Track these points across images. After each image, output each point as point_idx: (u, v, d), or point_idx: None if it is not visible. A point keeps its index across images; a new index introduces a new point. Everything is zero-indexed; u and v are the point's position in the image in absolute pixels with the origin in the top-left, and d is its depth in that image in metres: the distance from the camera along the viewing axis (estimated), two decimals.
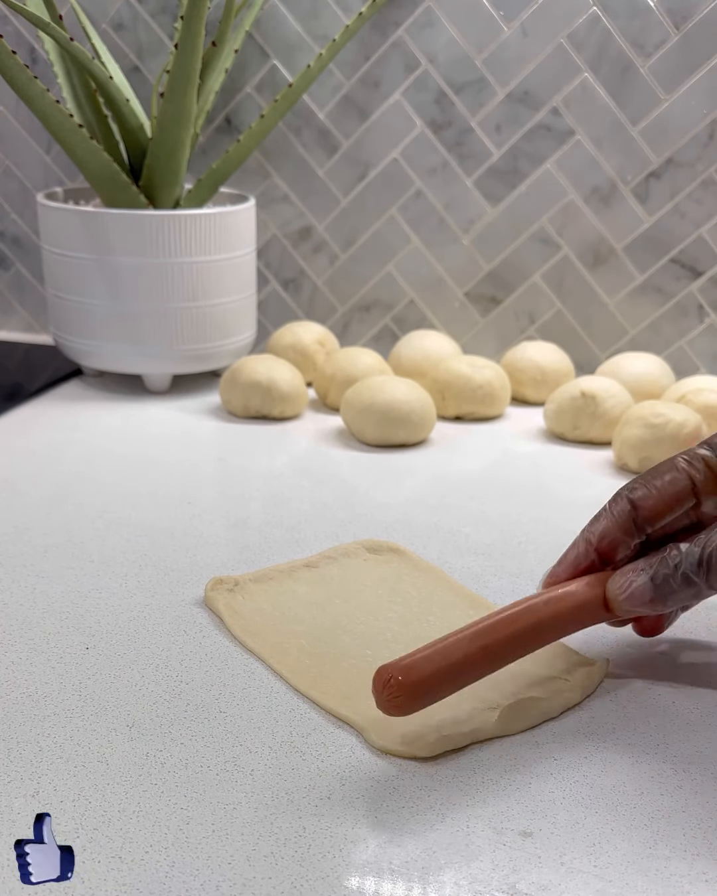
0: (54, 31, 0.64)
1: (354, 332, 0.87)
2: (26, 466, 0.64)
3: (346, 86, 0.80)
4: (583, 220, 0.79)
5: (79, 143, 0.69)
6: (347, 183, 0.82)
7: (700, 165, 0.75)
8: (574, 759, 0.37)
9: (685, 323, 0.79)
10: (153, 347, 0.74)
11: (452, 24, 0.76)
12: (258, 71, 0.81)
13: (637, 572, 0.39)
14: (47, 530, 0.55)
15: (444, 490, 0.63)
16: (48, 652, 0.43)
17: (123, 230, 0.71)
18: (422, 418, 0.68)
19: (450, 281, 0.83)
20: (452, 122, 0.79)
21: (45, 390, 0.78)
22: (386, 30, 0.77)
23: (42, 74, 0.77)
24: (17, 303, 0.94)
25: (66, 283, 0.74)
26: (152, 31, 0.81)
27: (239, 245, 0.76)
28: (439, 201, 0.81)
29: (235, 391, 0.72)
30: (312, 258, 0.86)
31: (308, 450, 0.68)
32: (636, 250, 0.79)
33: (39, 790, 0.35)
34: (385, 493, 0.62)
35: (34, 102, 0.67)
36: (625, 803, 0.35)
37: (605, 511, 0.41)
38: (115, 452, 0.67)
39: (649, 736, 0.39)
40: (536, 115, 0.77)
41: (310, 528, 0.56)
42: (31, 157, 0.88)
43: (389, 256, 0.84)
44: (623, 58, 0.74)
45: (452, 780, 0.36)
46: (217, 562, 0.52)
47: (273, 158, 0.83)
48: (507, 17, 0.75)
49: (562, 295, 0.81)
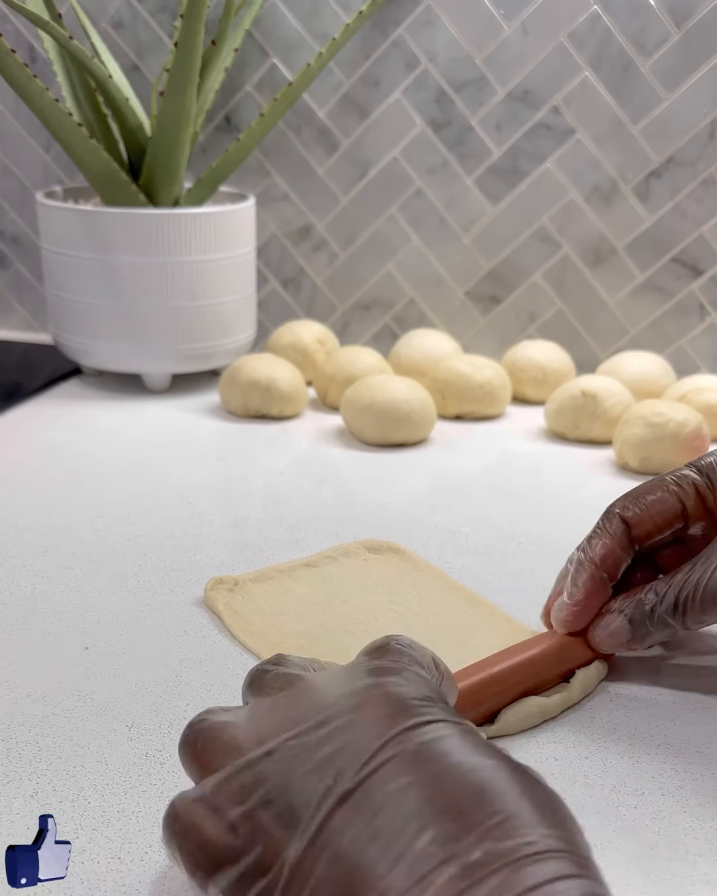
0: (54, 30, 0.64)
1: (354, 332, 0.87)
2: (25, 466, 0.64)
3: (346, 84, 0.79)
4: (584, 219, 0.79)
5: (78, 141, 0.69)
6: (347, 182, 0.82)
7: (701, 164, 0.75)
8: (574, 759, 0.37)
9: (685, 322, 0.79)
10: (153, 347, 0.74)
11: (452, 22, 0.76)
12: (258, 70, 0.81)
13: (616, 613, 0.40)
14: (47, 530, 0.55)
15: (444, 490, 0.63)
16: (47, 652, 0.43)
17: (122, 229, 0.71)
18: (422, 418, 0.68)
19: (450, 280, 0.83)
20: (452, 121, 0.78)
21: (44, 389, 0.78)
22: (386, 28, 0.77)
23: (41, 73, 0.77)
24: (17, 302, 0.94)
25: (66, 282, 0.74)
26: (152, 29, 0.81)
27: (239, 244, 0.75)
28: (439, 200, 0.81)
29: (234, 390, 0.72)
30: (312, 257, 0.85)
31: (308, 449, 0.68)
32: (637, 249, 0.78)
33: (38, 790, 0.35)
34: (385, 493, 0.62)
35: (33, 101, 0.67)
36: (626, 804, 0.35)
37: (601, 530, 0.42)
38: (114, 452, 0.67)
39: (649, 736, 0.39)
40: (536, 114, 0.77)
41: (310, 528, 0.56)
42: (30, 155, 0.88)
43: (389, 255, 0.84)
44: (624, 56, 0.73)
45: None
46: (217, 562, 0.52)
47: (273, 157, 0.83)
48: (507, 15, 0.75)
49: (563, 294, 0.81)
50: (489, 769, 0.25)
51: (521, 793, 0.24)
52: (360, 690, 0.28)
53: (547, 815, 0.24)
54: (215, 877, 0.26)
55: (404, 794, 0.24)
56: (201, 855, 0.26)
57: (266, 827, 0.25)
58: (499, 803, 0.24)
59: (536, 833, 0.23)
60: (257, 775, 0.27)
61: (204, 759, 0.29)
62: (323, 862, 0.24)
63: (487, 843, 0.23)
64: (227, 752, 0.28)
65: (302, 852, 0.24)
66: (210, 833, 0.26)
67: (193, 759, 0.30)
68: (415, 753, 0.25)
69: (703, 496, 0.41)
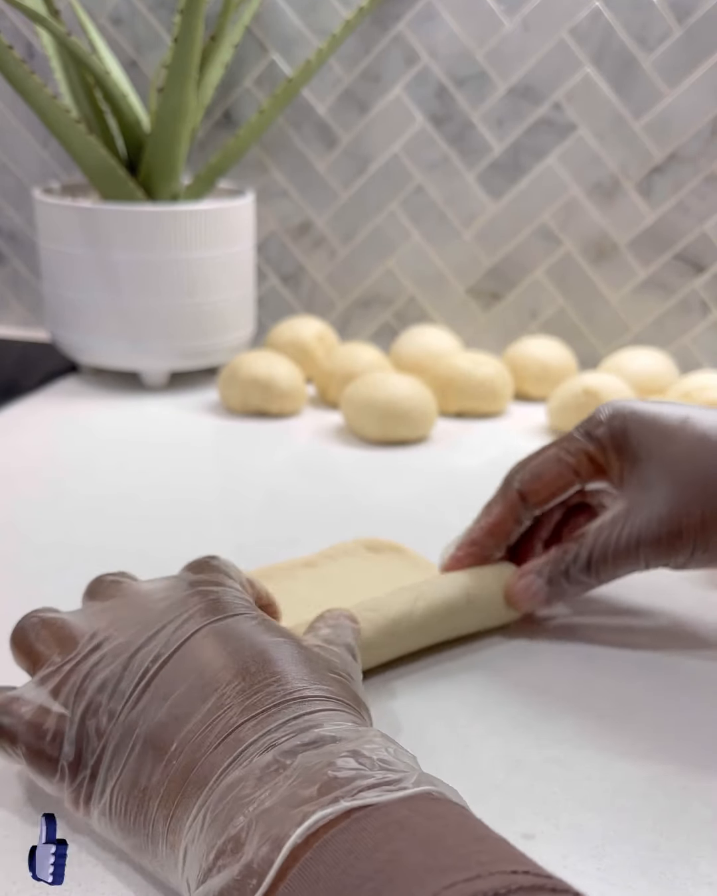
0: (52, 26, 0.63)
1: (354, 328, 0.86)
2: (22, 464, 0.63)
3: (346, 80, 0.79)
4: (585, 215, 0.78)
5: (76, 137, 0.69)
6: (347, 177, 0.82)
7: (703, 160, 0.74)
8: (576, 761, 0.37)
9: (688, 319, 0.79)
10: (151, 343, 0.74)
11: (453, 17, 0.75)
12: (257, 65, 0.80)
13: (533, 575, 0.43)
14: (44, 528, 0.54)
15: (445, 487, 0.62)
16: None
17: (120, 225, 0.70)
18: (423, 415, 0.68)
19: (451, 276, 0.83)
20: (453, 117, 0.78)
21: (41, 387, 0.77)
22: (386, 24, 0.77)
23: (40, 69, 0.77)
24: (13, 299, 0.94)
25: (63, 278, 0.74)
26: (150, 25, 0.81)
27: (238, 240, 0.75)
28: (439, 196, 0.81)
29: (233, 387, 0.72)
30: (312, 253, 0.85)
31: (308, 447, 0.68)
32: (639, 246, 0.78)
33: (38, 790, 0.34)
34: (386, 491, 0.61)
35: (31, 97, 0.66)
36: (628, 806, 0.35)
37: (496, 500, 0.45)
38: (112, 450, 0.66)
39: (651, 737, 0.38)
40: (537, 110, 0.76)
41: (309, 527, 0.56)
42: (27, 151, 0.88)
43: (389, 252, 0.83)
44: (626, 52, 0.73)
45: (453, 782, 0.35)
46: None
47: (272, 153, 0.83)
48: (508, 10, 0.74)
49: (564, 291, 0.81)
50: (275, 644, 0.31)
51: (298, 660, 0.31)
52: (183, 599, 0.33)
53: (318, 676, 0.30)
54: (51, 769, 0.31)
55: (206, 663, 0.30)
56: (37, 757, 0.31)
57: (101, 708, 0.30)
58: (277, 666, 0.30)
59: (305, 685, 0.29)
60: (89, 670, 0.31)
61: (35, 648, 0.33)
62: (144, 722, 0.29)
63: (264, 692, 0.29)
64: (60, 643, 0.33)
65: (128, 717, 0.30)
66: (45, 737, 0.30)
67: (24, 648, 0.34)
68: (218, 633, 0.31)
69: (592, 457, 0.43)
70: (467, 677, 0.42)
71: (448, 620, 0.43)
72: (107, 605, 0.35)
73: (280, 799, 0.25)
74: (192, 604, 0.33)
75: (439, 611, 0.42)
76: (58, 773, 0.30)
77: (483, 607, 0.44)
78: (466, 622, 0.44)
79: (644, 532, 0.40)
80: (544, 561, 0.43)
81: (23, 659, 0.34)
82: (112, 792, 0.29)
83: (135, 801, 0.29)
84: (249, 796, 0.25)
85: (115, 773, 0.29)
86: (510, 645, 0.45)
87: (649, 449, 0.41)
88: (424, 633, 0.42)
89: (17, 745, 0.31)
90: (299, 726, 0.27)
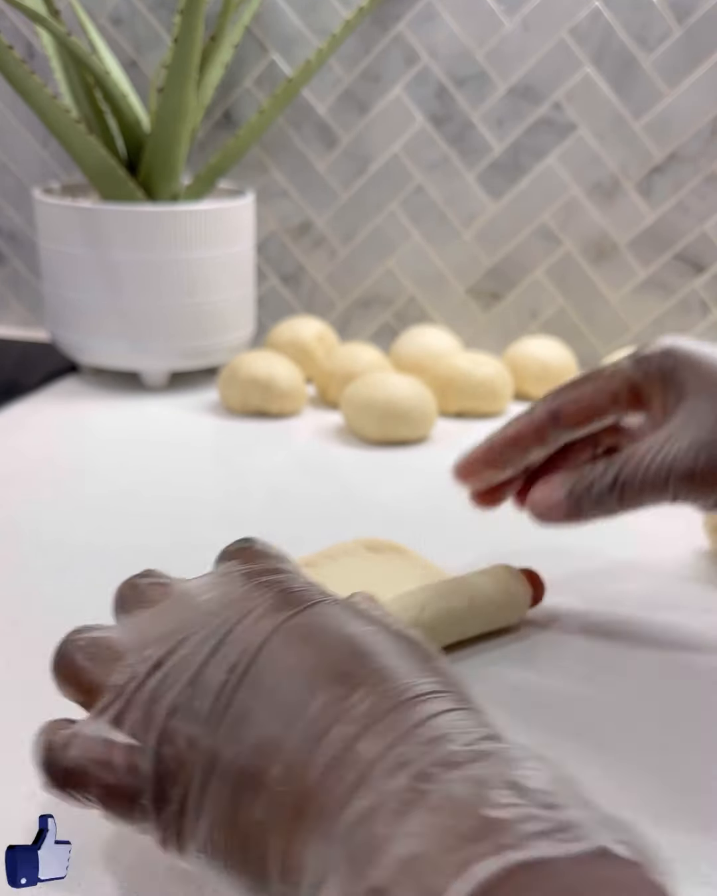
0: (52, 26, 0.63)
1: (354, 328, 0.86)
2: (22, 464, 0.63)
3: (346, 80, 0.79)
4: (585, 215, 0.78)
5: (76, 137, 0.69)
6: (347, 178, 0.82)
7: (704, 160, 0.74)
8: (577, 762, 0.37)
9: (688, 319, 0.79)
10: (151, 344, 0.74)
11: (453, 17, 0.75)
12: (257, 65, 0.80)
13: (556, 486, 0.40)
14: (44, 528, 0.54)
15: (445, 487, 0.62)
16: (46, 652, 0.43)
17: (120, 225, 0.70)
18: (423, 415, 0.68)
19: (451, 276, 0.83)
20: (453, 117, 0.78)
21: (41, 387, 0.77)
22: (386, 24, 0.77)
23: (40, 69, 0.77)
24: (13, 299, 0.94)
25: (63, 278, 0.74)
26: (150, 25, 0.81)
27: (238, 240, 0.75)
28: (439, 196, 0.81)
29: (233, 388, 0.72)
30: (312, 253, 0.85)
31: (308, 447, 0.68)
32: (639, 246, 0.78)
33: (37, 790, 0.34)
34: (386, 491, 0.61)
35: (31, 97, 0.66)
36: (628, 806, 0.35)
37: (521, 415, 0.42)
38: (112, 450, 0.66)
39: (651, 737, 0.38)
40: (537, 110, 0.76)
41: (309, 527, 0.56)
42: (27, 151, 0.88)
43: (389, 252, 0.83)
44: (626, 52, 0.73)
45: None
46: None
47: (272, 153, 0.83)
48: (508, 10, 0.74)
49: (564, 291, 0.81)
50: (367, 634, 0.27)
51: (398, 651, 0.27)
52: (244, 595, 0.29)
53: (424, 666, 0.26)
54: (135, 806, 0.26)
55: (292, 669, 0.26)
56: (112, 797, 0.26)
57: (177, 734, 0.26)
58: (378, 661, 0.26)
59: (414, 680, 0.25)
60: (153, 692, 0.27)
61: (85, 676, 0.29)
62: (229, 748, 0.25)
63: (371, 696, 0.24)
64: (113, 665, 0.28)
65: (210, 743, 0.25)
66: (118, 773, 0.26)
67: (71, 677, 0.29)
68: (298, 633, 0.27)
69: (636, 387, 0.41)
70: (467, 678, 0.42)
71: (452, 627, 0.43)
72: (155, 612, 0.30)
73: (430, 842, 0.21)
74: (257, 599, 0.28)
75: (444, 620, 0.42)
76: (139, 811, 0.26)
77: (486, 612, 0.44)
78: (469, 628, 0.44)
79: (678, 462, 0.38)
80: (570, 473, 0.41)
81: (73, 690, 0.29)
82: (208, 827, 0.25)
83: (239, 836, 0.25)
84: (388, 835, 0.21)
85: (209, 805, 0.25)
86: (511, 647, 0.45)
87: (697, 385, 0.39)
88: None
89: (89, 788, 0.27)
90: (426, 736, 0.23)
